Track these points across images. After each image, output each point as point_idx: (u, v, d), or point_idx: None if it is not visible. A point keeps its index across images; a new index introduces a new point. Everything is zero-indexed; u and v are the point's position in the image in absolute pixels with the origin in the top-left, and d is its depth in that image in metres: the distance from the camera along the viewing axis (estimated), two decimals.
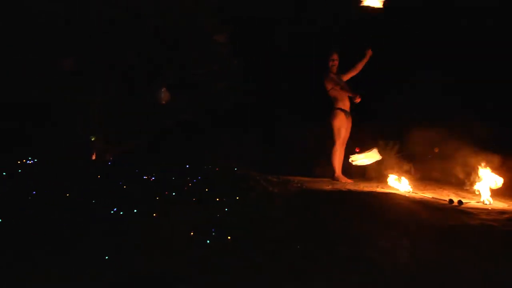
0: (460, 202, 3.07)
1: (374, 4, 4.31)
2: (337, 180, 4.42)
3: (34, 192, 2.82)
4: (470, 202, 3.23)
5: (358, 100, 4.31)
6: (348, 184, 4.26)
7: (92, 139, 5.06)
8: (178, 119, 6.08)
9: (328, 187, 3.95)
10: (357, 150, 6.09)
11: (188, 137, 5.89)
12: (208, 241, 2.25)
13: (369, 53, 4.46)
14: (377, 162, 5.53)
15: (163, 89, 6.09)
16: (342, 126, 4.51)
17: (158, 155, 5.52)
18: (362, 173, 5.58)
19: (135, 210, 2.61)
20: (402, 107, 5.96)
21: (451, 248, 2.10)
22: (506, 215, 2.59)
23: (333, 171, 4.58)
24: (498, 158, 4.48)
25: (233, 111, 6.42)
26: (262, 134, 6.44)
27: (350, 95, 4.43)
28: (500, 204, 3.32)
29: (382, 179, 4.81)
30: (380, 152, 5.86)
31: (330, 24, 6.05)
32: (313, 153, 5.90)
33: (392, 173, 4.24)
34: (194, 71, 6.53)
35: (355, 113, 4.76)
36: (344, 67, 4.72)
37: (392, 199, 2.93)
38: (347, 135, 4.68)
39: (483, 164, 3.63)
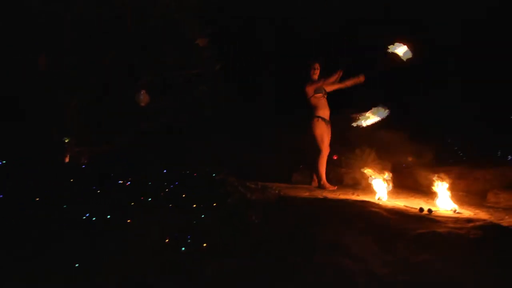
0: (430, 210, 3.19)
1: (402, 54, 4.23)
2: (324, 188, 4.47)
3: (1, 196, 2.70)
4: (439, 210, 3.36)
5: (362, 79, 4.41)
6: (326, 191, 4.33)
7: (66, 141, 4.90)
8: (158, 122, 6.00)
9: (306, 194, 4.02)
10: (335, 158, 6.23)
11: (168, 141, 5.83)
12: (183, 248, 2.22)
13: (361, 79, 4.50)
14: (355, 170, 5.68)
15: (143, 92, 6.00)
16: (324, 134, 4.59)
17: (136, 158, 5.41)
18: (340, 180, 5.71)
19: (108, 216, 2.55)
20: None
21: (420, 254, 2.18)
22: (472, 224, 2.71)
23: (319, 179, 4.64)
24: (465, 168, 4.72)
25: (215, 115, 6.42)
26: (245, 138, 6.47)
27: (352, 83, 4.49)
28: (467, 213, 3.48)
29: (358, 186, 4.96)
30: (357, 159, 6.04)
31: (316, 28, 6.19)
32: (295, 159, 5.98)
33: (368, 181, 4.35)
34: (176, 74, 6.48)
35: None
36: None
37: (365, 206, 3.00)
38: (328, 142, 4.75)
39: (437, 177, 3.80)
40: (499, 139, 6.29)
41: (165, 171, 3.64)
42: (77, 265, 2.02)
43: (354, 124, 4.67)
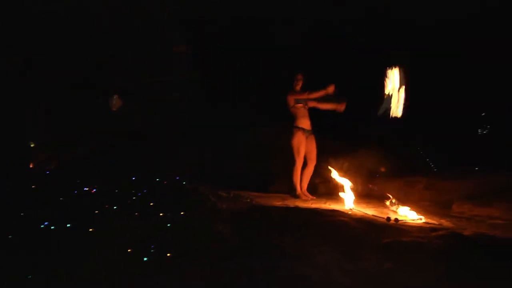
0: (396, 220, 3.26)
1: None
2: (298, 198, 4.46)
3: None
4: (406, 219, 3.44)
5: (343, 107, 4.45)
6: (299, 200, 4.34)
7: (32, 146, 4.70)
8: (131, 128, 5.89)
9: (279, 203, 4.01)
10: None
11: (140, 147, 5.70)
12: (145, 259, 2.15)
13: (331, 89, 4.47)
14: (328, 180, 5.75)
15: (115, 96, 5.88)
16: (300, 145, 4.60)
17: (106, 165, 5.26)
18: (315, 190, 5.75)
19: (68, 225, 2.44)
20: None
21: (383, 264, 2.21)
22: (435, 233, 2.78)
23: (294, 188, 4.65)
24: (433, 179, 4.88)
25: (190, 122, 6.36)
26: (221, 146, 6.41)
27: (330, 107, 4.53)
28: (433, 222, 3.57)
29: (331, 196, 4.99)
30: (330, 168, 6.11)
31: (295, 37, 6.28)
32: (272, 168, 5.98)
33: (339, 191, 4.40)
34: (152, 80, 6.40)
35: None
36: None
37: (334, 216, 3.03)
38: (313, 153, 4.75)
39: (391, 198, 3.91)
40: (465, 153, 6.59)
41: (134, 178, 3.56)
42: (29, 276, 1.92)
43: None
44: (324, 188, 5.64)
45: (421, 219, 3.50)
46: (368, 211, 3.88)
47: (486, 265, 2.27)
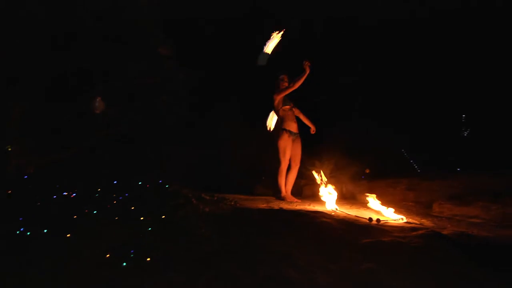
0: (378, 220, 3.30)
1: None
2: (283, 200, 4.47)
3: None
4: (388, 220, 3.49)
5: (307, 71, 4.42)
6: (284, 202, 4.35)
7: (9, 149, 4.56)
8: (115, 130, 5.78)
9: (263, 205, 3.99)
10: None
11: (125, 150, 5.61)
12: (124, 264, 2.11)
13: (307, 65, 4.42)
14: (313, 182, 5.79)
15: (98, 99, 5.77)
16: (287, 147, 4.60)
17: (88, 168, 5.15)
18: (300, 192, 5.79)
19: (44, 230, 2.37)
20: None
21: (364, 263, 2.23)
22: (415, 232, 2.82)
23: (279, 190, 4.65)
24: (415, 180, 4.98)
25: (176, 124, 6.30)
26: (208, 149, 6.38)
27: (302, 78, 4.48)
28: (414, 222, 3.63)
29: (316, 198, 5.00)
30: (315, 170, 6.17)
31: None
32: (258, 170, 5.99)
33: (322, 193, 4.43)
34: (136, 82, 6.31)
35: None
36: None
37: (317, 217, 3.04)
38: (298, 156, 4.76)
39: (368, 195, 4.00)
40: (448, 154, 6.77)
41: (115, 182, 3.49)
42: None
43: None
44: (309, 190, 5.70)
45: (402, 219, 3.55)
46: (352, 212, 3.92)
47: (464, 263, 2.32)
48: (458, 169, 6.61)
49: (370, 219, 3.31)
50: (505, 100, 5.99)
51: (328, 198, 4.05)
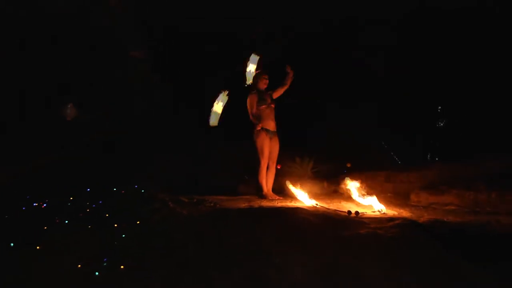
0: (357, 213, 3.33)
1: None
2: (265, 198, 4.44)
3: None
4: (367, 212, 3.53)
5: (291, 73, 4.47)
6: (265, 201, 4.33)
7: None
8: (88, 137, 5.63)
9: (244, 204, 3.95)
10: (279, 167, 6.32)
11: (99, 156, 5.46)
12: (97, 273, 2.04)
13: (290, 71, 4.51)
14: (295, 180, 5.81)
15: (70, 105, 5.61)
16: (264, 145, 4.56)
17: (62, 177, 4.99)
18: (281, 189, 5.78)
19: (11, 244, 2.27)
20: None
21: (342, 257, 2.24)
22: (392, 222, 2.87)
23: (260, 189, 4.62)
24: (393, 171, 5.07)
25: (153, 127, 6.19)
26: (187, 151, 6.29)
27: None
28: (392, 212, 3.69)
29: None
30: (297, 167, 6.19)
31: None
32: (239, 170, 5.94)
33: (304, 188, 4.43)
34: (111, 87, 6.17)
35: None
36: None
37: (296, 213, 3.04)
38: (275, 154, 4.74)
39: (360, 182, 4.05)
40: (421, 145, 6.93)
41: (88, 189, 3.38)
42: None
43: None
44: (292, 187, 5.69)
45: (381, 210, 3.60)
46: (332, 206, 3.95)
47: (438, 249, 2.37)
48: (437, 158, 6.78)
49: (349, 212, 3.34)
50: (480, 90, 6.15)
51: (303, 196, 4.06)
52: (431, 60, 6.46)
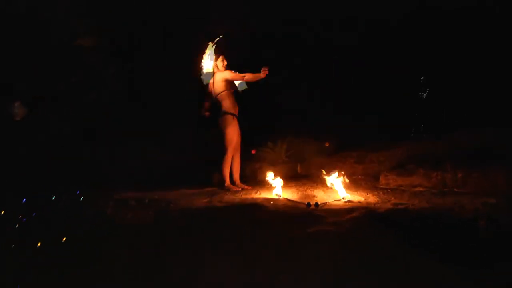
0: (316, 204, 3.12)
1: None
2: (229, 190, 4.20)
3: None
4: (328, 201, 3.32)
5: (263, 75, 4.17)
6: (230, 192, 4.09)
7: None
8: (37, 137, 5.23)
9: (204, 200, 3.70)
10: (253, 152, 6.07)
11: (45, 156, 5.06)
12: None
13: (264, 73, 4.13)
14: (268, 164, 5.58)
15: (17, 104, 5.17)
16: (234, 133, 4.27)
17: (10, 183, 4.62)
18: (254, 176, 5.55)
19: None
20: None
21: (288, 263, 2.03)
22: (350, 215, 2.67)
23: (223, 180, 4.37)
24: (363, 152, 4.87)
25: (109, 123, 5.81)
26: (146, 146, 5.94)
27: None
28: (358, 198, 3.49)
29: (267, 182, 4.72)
30: (270, 152, 5.95)
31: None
32: (204, 161, 5.64)
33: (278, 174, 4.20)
34: (59, 82, 5.72)
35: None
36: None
37: (250, 211, 2.82)
38: (239, 141, 4.47)
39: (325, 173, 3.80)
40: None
41: (24, 200, 3.07)
42: None
43: None
44: (263, 174, 5.45)
45: (344, 198, 3.40)
46: (295, 195, 3.74)
47: (394, 245, 2.18)
48: (412, 134, 6.62)
49: (309, 204, 3.12)
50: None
51: (274, 184, 3.83)
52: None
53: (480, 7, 5.11)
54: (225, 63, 4.37)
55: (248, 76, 4.26)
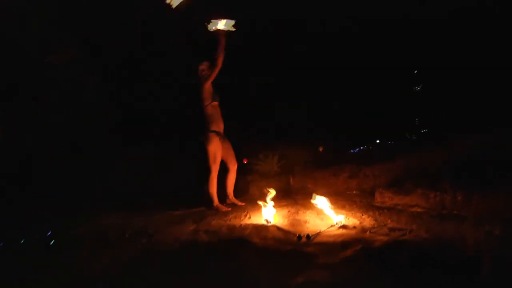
0: (308, 237, 2.89)
1: (224, 26, 3.89)
2: (217, 211, 3.99)
3: None
4: (321, 230, 3.10)
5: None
6: (219, 214, 3.86)
7: None
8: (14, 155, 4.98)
9: (190, 228, 3.47)
10: (245, 162, 5.86)
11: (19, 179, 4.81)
12: None
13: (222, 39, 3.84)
14: (260, 177, 5.37)
15: None
16: (217, 151, 4.05)
17: None
18: (246, 189, 5.33)
19: None
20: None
21: None
22: (343, 254, 2.45)
23: (210, 200, 4.14)
24: (356, 166, 4.65)
25: (93, 135, 5.57)
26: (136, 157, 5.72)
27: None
28: (353, 221, 3.28)
29: (262, 197, 4.46)
30: (262, 165, 5.74)
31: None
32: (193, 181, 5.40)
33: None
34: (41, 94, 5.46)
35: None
36: None
37: (239, 248, 2.60)
38: (233, 155, 4.26)
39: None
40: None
41: None
42: None
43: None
44: (256, 187, 5.24)
45: (338, 223, 3.18)
46: (286, 220, 3.50)
47: None
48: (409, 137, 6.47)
49: (299, 237, 2.89)
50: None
51: (265, 211, 3.58)
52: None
53: (480, 7, 4.90)
54: (206, 72, 4.09)
55: (219, 59, 3.93)
